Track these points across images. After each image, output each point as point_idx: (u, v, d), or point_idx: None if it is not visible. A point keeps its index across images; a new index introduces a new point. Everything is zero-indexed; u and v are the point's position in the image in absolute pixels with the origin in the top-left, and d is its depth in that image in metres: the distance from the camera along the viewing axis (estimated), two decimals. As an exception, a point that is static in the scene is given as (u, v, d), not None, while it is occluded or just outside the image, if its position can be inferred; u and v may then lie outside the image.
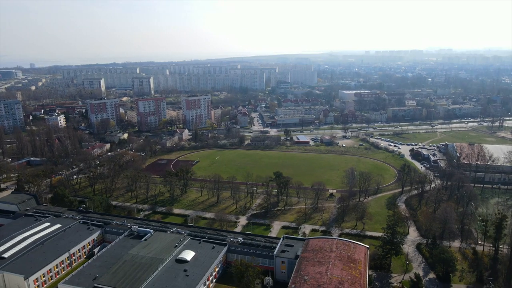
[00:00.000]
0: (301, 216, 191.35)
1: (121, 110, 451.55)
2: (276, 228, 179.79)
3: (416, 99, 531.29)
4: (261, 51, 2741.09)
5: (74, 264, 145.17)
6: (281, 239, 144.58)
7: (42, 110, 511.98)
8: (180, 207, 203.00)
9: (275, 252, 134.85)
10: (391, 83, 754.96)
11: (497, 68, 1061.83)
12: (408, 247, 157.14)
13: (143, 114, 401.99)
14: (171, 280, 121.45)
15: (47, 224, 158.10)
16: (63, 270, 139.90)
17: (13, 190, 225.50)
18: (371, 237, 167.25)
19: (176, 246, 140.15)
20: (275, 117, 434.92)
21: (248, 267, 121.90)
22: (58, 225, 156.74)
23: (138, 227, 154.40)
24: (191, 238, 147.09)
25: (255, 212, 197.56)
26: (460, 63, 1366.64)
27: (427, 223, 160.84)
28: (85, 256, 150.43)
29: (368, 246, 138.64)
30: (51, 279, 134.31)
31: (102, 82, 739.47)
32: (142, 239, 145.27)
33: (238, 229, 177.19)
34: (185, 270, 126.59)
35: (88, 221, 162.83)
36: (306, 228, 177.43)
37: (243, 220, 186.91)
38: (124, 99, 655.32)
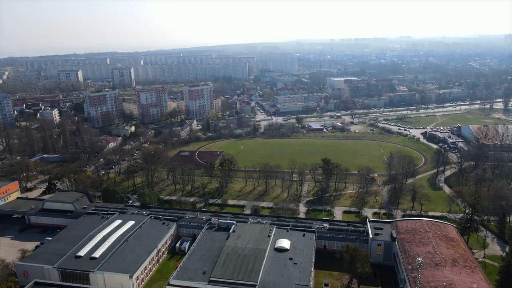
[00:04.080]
0: (355, 201, 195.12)
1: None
2: (338, 213, 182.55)
3: (403, 85, 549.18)
4: (222, 41, 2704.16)
5: (160, 260, 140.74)
6: (367, 223, 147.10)
7: (24, 105, 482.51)
8: (231, 198, 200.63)
9: (370, 236, 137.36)
10: (371, 70, 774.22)
11: (462, 54, 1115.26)
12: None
13: (145, 105, 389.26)
14: (283, 270, 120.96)
15: (119, 221, 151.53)
16: (154, 267, 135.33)
17: (44, 189, 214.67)
18: (433, 217, 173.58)
19: (269, 235, 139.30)
20: (277, 105, 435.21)
21: (357, 251, 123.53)
22: (132, 222, 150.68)
23: (218, 219, 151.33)
24: (276, 227, 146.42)
25: (309, 199, 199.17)
26: (425, 50, 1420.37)
27: (488, 201, 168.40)
28: (167, 252, 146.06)
29: (454, 225, 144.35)
30: (147, 277, 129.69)
31: (80, 74, 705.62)
32: (230, 231, 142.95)
33: (301, 216, 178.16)
34: (290, 259, 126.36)
35: (159, 216, 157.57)
36: (367, 212, 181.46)
37: (301, 208, 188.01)
38: (107, 89, 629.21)
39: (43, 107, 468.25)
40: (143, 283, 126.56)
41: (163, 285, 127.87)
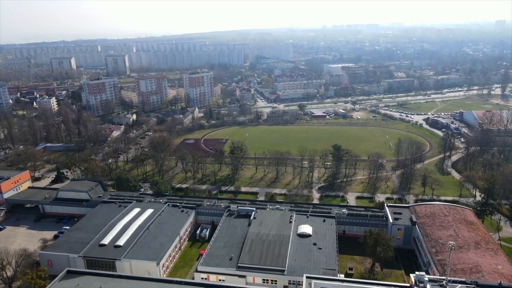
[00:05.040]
0: (367, 186, 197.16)
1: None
2: (351, 198, 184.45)
3: (401, 71, 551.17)
4: (213, 28, 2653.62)
5: (182, 247, 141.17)
6: (386, 208, 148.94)
7: (19, 94, 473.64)
8: (243, 185, 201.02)
9: (391, 220, 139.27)
10: (367, 57, 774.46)
11: (455, 41, 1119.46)
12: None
13: (145, 93, 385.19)
14: (308, 255, 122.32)
15: (138, 209, 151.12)
16: (177, 255, 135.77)
17: (52, 178, 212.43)
18: (445, 201, 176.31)
19: (290, 221, 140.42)
20: (277, 92, 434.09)
21: (380, 236, 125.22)
22: (151, 210, 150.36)
23: (238, 206, 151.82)
24: (296, 213, 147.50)
25: (321, 185, 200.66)
26: (417, 36, 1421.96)
27: (498, 185, 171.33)
28: (187, 239, 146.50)
29: (471, 209, 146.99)
30: (171, 264, 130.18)
31: (73, 61, 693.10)
32: (251, 218, 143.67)
33: (315, 202, 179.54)
34: (314, 244, 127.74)
35: (177, 204, 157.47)
36: (379, 197, 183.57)
37: (315, 194, 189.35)
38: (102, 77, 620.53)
39: (38, 96, 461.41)
40: (168, 270, 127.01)
41: (188, 271, 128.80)
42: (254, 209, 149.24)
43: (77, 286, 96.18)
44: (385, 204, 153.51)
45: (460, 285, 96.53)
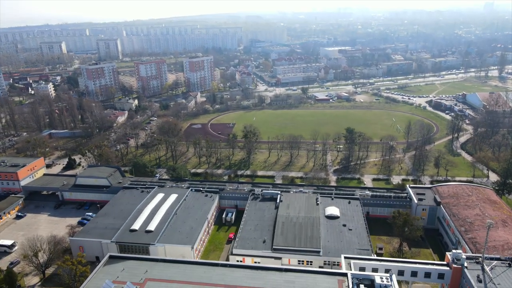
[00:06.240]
0: (381, 168, 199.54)
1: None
2: (367, 180, 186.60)
3: (397, 54, 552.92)
4: (202, 11, 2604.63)
5: (209, 231, 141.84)
6: (408, 189, 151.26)
7: (11, 79, 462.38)
8: (258, 169, 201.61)
9: (415, 201, 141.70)
10: (361, 39, 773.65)
11: (447, 23, 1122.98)
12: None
13: (145, 78, 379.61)
14: (340, 236, 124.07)
15: (161, 194, 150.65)
16: (206, 238, 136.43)
17: (64, 165, 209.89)
18: (460, 181, 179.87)
19: (317, 204, 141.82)
20: (278, 76, 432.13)
21: (409, 216, 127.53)
22: (175, 195, 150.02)
23: (262, 190, 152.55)
24: (321, 196, 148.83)
25: (336, 167, 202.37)
26: (409, 19, 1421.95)
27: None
28: (213, 223, 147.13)
29: (491, 188, 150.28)
30: (201, 247, 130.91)
31: (63, 46, 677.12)
32: (277, 201, 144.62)
33: (332, 184, 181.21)
34: (344, 225, 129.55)
35: (200, 189, 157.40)
36: (395, 179, 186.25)
37: (331, 177, 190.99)
38: (94, 62, 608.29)
39: (31, 81, 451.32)
40: (199, 254, 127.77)
41: (219, 255, 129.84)
42: (279, 192, 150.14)
43: (122, 270, 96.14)
44: (407, 186, 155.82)
45: (496, 261, 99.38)
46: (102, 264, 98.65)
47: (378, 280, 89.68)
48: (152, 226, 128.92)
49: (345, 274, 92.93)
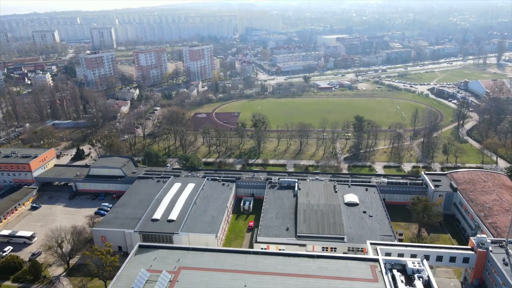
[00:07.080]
0: (391, 156, 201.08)
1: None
2: (378, 168, 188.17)
3: (395, 42, 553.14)
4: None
5: (229, 220, 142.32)
6: (424, 175, 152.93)
7: (5, 69, 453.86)
8: (269, 157, 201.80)
9: (432, 187, 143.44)
10: (356, 27, 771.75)
11: (441, 10, 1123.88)
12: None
13: (145, 67, 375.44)
14: (361, 222, 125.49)
15: (178, 183, 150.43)
16: (226, 227, 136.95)
17: (72, 155, 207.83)
18: (470, 167, 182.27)
19: (336, 191, 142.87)
20: (278, 64, 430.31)
21: (428, 202, 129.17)
22: (192, 184, 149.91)
23: (279, 178, 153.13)
24: (338, 183, 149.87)
25: (346, 155, 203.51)
26: (403, 6, 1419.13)
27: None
28: (232, 212, 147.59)
29: (505, 174, 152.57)
30: (223, 236, 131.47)
31: (56, 34, 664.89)
32: (295, 189, 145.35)
33: (344, 172, 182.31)
34: (364, 212, 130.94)
35: (217, 178, 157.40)
36: (406, 166, 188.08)
37: (342, 164, 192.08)
38: (88, 52, 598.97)
39: (27, 71, 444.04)
40: (221, 243, 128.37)
41: (241, 243, 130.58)
42: (296, 180, 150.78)
43: (155, 259, 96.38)
44: (422, 172, 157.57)
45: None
46: (133, 253, 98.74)
47: (410, 265, 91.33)
48: (173, 216, 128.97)
49: (376, 260, 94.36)
